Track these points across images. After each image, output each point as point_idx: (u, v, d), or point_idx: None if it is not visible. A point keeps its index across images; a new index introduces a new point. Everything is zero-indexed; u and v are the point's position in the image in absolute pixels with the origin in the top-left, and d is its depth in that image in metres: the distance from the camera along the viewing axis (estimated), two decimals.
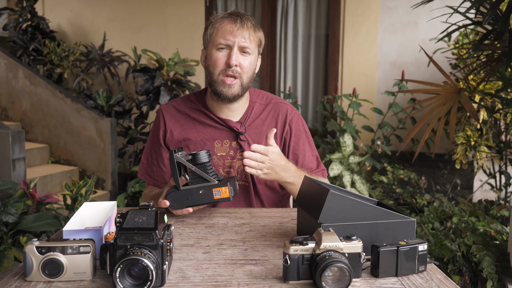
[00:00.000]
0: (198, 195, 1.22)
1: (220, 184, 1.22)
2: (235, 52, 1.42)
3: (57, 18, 5.21)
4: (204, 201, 1.23)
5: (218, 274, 0.92)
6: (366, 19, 4.31)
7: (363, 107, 4.04)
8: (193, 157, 1.23)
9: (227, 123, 1.51)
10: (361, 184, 3.50)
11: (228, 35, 1.42)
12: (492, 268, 2.05)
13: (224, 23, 1.44)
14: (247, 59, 1.45)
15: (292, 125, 1.56)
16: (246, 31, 1.43)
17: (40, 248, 0.86)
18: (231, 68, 1.42)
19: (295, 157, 1.56)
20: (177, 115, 1.56)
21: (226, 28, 1.42)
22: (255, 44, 1.46)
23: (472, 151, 3.29)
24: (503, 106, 2.69)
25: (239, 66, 1.43)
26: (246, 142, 1.51)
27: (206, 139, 1.52)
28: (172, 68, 4.04)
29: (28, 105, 4.50)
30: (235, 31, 1.41)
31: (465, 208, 3.07)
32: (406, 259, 0.91)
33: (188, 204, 1.24)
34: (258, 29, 1.48)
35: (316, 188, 1.07)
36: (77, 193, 2.80)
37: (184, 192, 1.23)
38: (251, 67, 1.47)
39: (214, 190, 1.22)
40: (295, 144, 1.56)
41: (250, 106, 1.56)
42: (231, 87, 1.44)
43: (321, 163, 1.62)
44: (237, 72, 1.43)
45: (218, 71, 1.44)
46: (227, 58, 1.42)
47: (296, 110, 1.61)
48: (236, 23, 1.42)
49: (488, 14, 1.92)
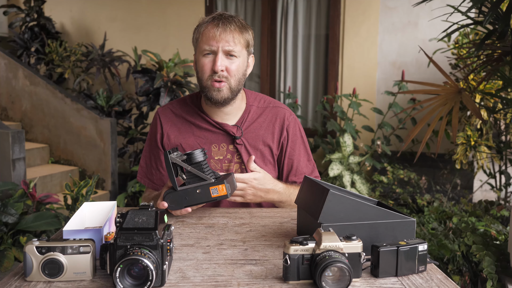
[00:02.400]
0: (196, 194, 1.22)
1: (216, 182, 1.21)
2: (220, 58, 1.40)
3: (57, 18, 5.21)
4: (202, 200, 1.23)
5: (218, 274, 0.92)
6: (366, 19, 4.31)
7: (363, 107, 4.04)
8: (188, 157, 1.22)
9: (223, 127, 1.51)
10: (361, 184, 3.50)
11: (211, 40, 1.40)
12: (492, 268, 2.05)
13: (207, 28, 1.42)
14: (234, 62, 1.43)
15: (290, 130, 1.56)
16: (230, 34, 1.40)
17: (40, 248, 0.86)
18: (217, 74, 1.41)
19: (290, 162, 1.57)
20: (174, 118, 1.56)
21: (209, 33, 1.41)
22: (241, 46, 1.43)
23: (472, 151, 3.29)
24: (504, 106, 2.69)
25: (226, 70, 1.42)
26: (243, 145, 1.52)
27: (203, 143, 1.52)
28: (172, 69, 4.04)
29: (28, 105, 4.50)
30: (217, 36, 1.39)
31: (466, 208, 3.07)
32: (406, 259, 0.91)
33: (187, 204, 1.23)
34: (244, 29, 1.45)
35: (316, 188, 1.07)
36: (78, 193, 2.80)
37: (181, 193, 1.22)
38: (239, 69, 1.45)
39: (211, 188, 1.21)
40: (291, 149, 1.57)
41: (247, 109, 1.55)
42: (220, 90, 1.43)
43: (315, 169, 1.62)
44: (223, 76, 1.42)
45: (206, 77, 1.43)
46: (212, 64, 1.41)
47: (294, 115, 1.61)
48: (218, 27, 1.40)
49: (489, 13, 1.92)
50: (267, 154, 1.55)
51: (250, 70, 1.53)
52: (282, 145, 1.56)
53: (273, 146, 1.55)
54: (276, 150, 1.56)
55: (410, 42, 4.20)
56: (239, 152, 1.51)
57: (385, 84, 4.26)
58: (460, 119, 3.46)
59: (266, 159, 1.55)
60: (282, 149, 1.57)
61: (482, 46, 2.05)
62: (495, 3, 1.93)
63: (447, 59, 3.65)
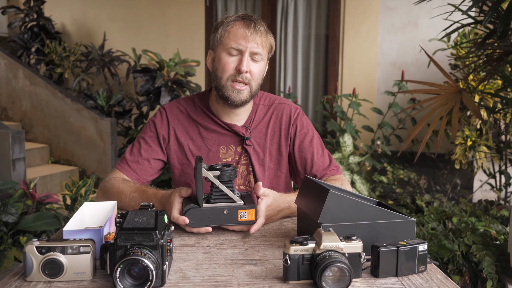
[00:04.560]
0: (222, 215, 1.11)
1: (247, 206, 1.11)
2: (246, 58, 1.36)
3: (57, 18, 5.21)
4: (227, 222, 1.12)
5: (218, 274, 0.92)
6: (366, 19, 4.31)
7: (363, 107, 4.04)
8: (220, 174, 1.11)
9: (232, 128, 1.47)
10: (361, 184, 3.50)
11: (241, 39, 1.35)
12: (492, 268, 2.05)
13: (236, 26, 1.37)
14: (257, 65, 1.39)
15: (297, 125, 1.51)
16: (259, 37, 1.36)
17: (40, 248, 0.86)
18: (241, 74, 1.36)
19: (302, 159, 1.50)
20: (181, 117, 1.51)
21: (239, 32, 1.36)
22: (266, 51, 1.40)
23: (471, 151, 3.29)
24: (503, 105, 2.69)
25: (250, 72, 1.37)
26: (252, 146, 1.48)
27: (211, 145, 1.47)
28: (172, 68, 4.04)
29: (28, 105, 4.50)
30: (248, 36, 1.35)
31: (466, 208, 3.07)
32: (406, 259, 0.91)
33: (209, 223, 1.12)
34: (270, 34, 1.42)
35: (316, 188, 1.07)
36: (77, 193, 2.80)
37: (206, 211, 1.11)
38: (260, 73, 1.41)
39: (239, 211, 1.11)
40: (301, 144, 1.51)
41: (254, 109, 1.52)
42: (240, 92, 1.38)
43: (333, 160, 1.53)
44: (247, 78, 1.37)
45: (227, 76, 1.38)
46: (237, 64, 1.36)
47: (300, 109, 1.56)
48: (249, 27, 1.35)
49: (489, 13, 1.92)
50: (276, 152, 1.51)
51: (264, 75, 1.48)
52: (291, 141, 1.51)
53: (282, 143, 1.51)
54: (285, 147, 1.51)
55: (410, 42, 4.20)
56: (247, 153, 1.47)
57: (385, 84, 4.26)
58: (460, 119, 3.46)
59: (275, 158, 1.51)
60: (292, 145, 1.51)
61: (483, 45, 2.05)
62: (495, 3, 1.93)
63: (447, 59, 3.65)
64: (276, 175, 1.52)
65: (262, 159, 1.49)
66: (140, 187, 1.38)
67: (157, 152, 1.49)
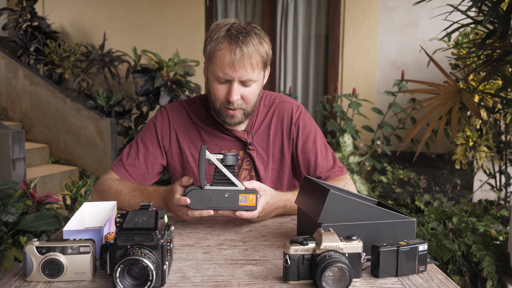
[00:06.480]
0: (223, 198, 1.12)
1: (248, 191, 1.12)
2: (235, 88, 1.30)
3: (57, 18, 5.21)
4: (228, 205, 1.13)
5: (218, 274, 0.92)
6: (366, 19, 4.31)
7: (363, 107, 4.04)
8: (223, 158, 1.14)
9: (234, 133, 1.44)
10: (361, 184, 3.50)
11: (227, 68, 1.27)
12: (492, 268, 2.05)
13: (223, 50, 1.27)
14: (250, 88, 1.33)
15: (299, 125, 1.47)
16: (248, 62, 1.27)
17: (40, 248, 0.86)
18: (231, 103, 1.32)
19: (306, 160, 1.47)
20: (183, 118, 1.48)
21: (225, 59, 1.26)
22: (258, 70, 1.31)
23: (471, 151, 3.29)
24: (503, 105, 2.69)
25: (242, 97, 1.33)
26: (255, 150, 1.45)
27: (212, 149, 1.44)
28: (172, 68, 4.04)
29: (28, 105, 4.50)
30: (235, 64, 1.26)
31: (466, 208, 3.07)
32: (406, 259, 0.91)
33: (210, 206, 1.13)
34: (261, 45, 1.30)
35: (316, 188, 1.07)
36: (77, 193, 2.80)
37: (208, 192, 1.12)
38: (255, 94, 1.36)
39: (240, 195, 1.12)
40: (304, 144, 1.47)
41: (255, 111, 1.47)
42: (234, 117, 1.36)
43: (337, 159, 1.49)
44: (238, 105, 1.34)
45: (219, 103, 1.35)
46: (227, 92, 1.31)
47: (302, 107, 1.51)
48: (235, 53, 1.25)
49: (489, 13, 1.92)
50: (279, 154, 1.48)
51: (266, 81, 1.42)
52: (293, 141, 1.47)
53: (284, 144, 1.47)
54: (287, 148, 1.47)
55: (410, 42, 4.20)
56: (249, 158, 1.45)
57: (385, 84, 4.26)
58: (460, 119, 3.46)
59: (278, 159, 1.48)
60: (294, 146, 1.47)
61: (483, 45, 2.05)
62: (495, 3, 1.93)
63: (447, 59, 3.65)
64: (279, 176, 1.50)
65: (267, 162, 1.47)
66: (139, 186, 1.36)
67: (155, 155, 1.46)
